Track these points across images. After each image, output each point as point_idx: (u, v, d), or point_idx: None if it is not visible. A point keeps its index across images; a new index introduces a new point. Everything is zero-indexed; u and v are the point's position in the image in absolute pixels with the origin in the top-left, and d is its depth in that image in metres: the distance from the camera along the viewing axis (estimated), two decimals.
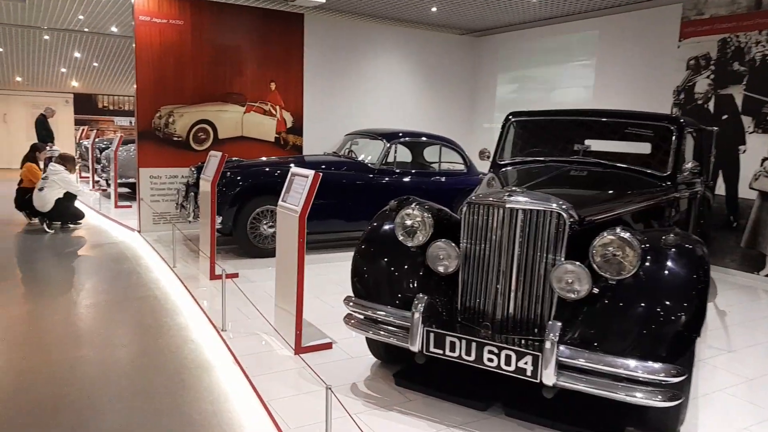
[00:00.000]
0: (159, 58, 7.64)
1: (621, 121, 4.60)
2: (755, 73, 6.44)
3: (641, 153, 4.75)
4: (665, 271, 2.81)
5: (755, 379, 3.84)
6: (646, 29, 7.61)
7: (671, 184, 4.15)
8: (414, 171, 7.51)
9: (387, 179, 7.16)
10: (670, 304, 2.73)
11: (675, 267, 2.81)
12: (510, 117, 4.87)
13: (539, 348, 2.76)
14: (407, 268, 3.32)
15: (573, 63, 8.76)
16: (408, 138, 7.57)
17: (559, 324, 2.73)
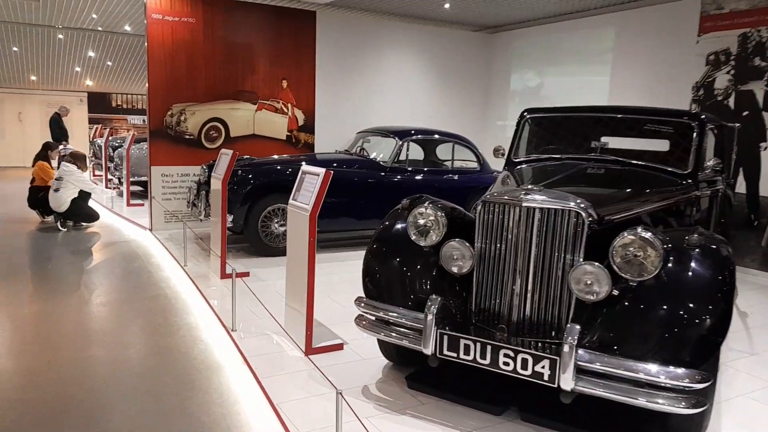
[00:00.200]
0: (171, 56, 7.61)
1: (640, 118, 4.48)
2: None
3: (660, 150, 4.63)
4: (689, 273, 2.70)
5: None
6: (663, 24, 7.45)
7: (692, 182, 4.03)
8: (426, 169, 7.43)
9: (399, 177, 7.08)
10: (694, 306, 2.63)
11: (699, 268, 2.71)
12: (525, 114, 4.76)
13: (557, 351, 2.67)
14: (420, 268, 3.24)
15: (589, 59, 8.61)
16: (420, 135, 7.48)
17: (578, 327, 2.63)
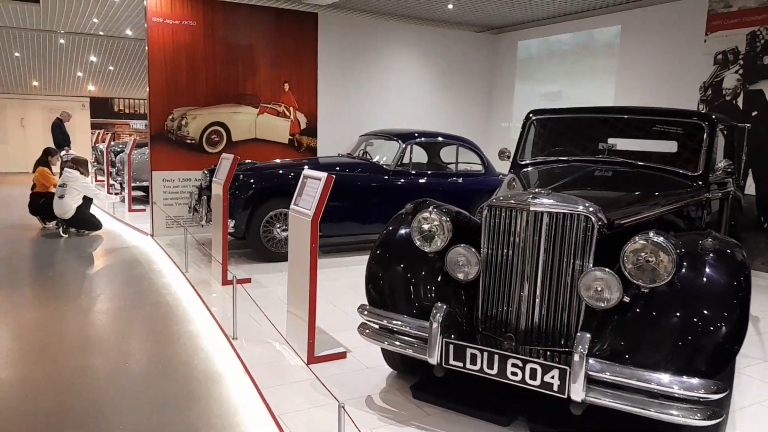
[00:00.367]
0: (171, 59, 7.56)
1: (648, 118, 4.38)
2: None
3: (668, 152, 4.52)
4: (703, 278, 2.61)
5: None
6: (670, 23, 7.35)
7: (703, 184, 3.93)
8: (430, 172, 7.34)
9: (402, 181, 7.00)
10: (709, 313, 2.53)
11: (714, 273, 2.61)
12: (531, 115, 4.67)
13: (566, 361, 2.58)
14: (424, 274, 3.15)
15: (594, 59, 8.52)
16: (424, 138, 7.40)
17: (588, 335, 2.54)
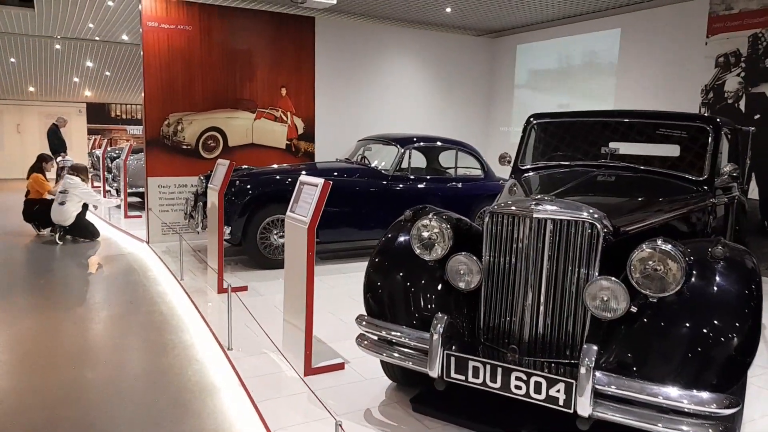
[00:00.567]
0: (167, 64, 7.47)
1: (651, 122, 4.29)
2: None
3: (669, 156, 4.44)
4: (713, 287, 2.51)
5: None
6: (671, 26, 7.29)
7: (708, 189, 3.84)
8: (429, 177, 7.25)
9: (401, 186, 6.91)
10: (719, 324, 2.44)
11: (724, 282, 2.52)
12: (531, 119, 4.59)
13: (572, 374, 2.48)
14: (424, 284, 3.05)
15: (594, 62, 8.45)
16: (423, 143, 7.32)
17: (595, 348, 2.45)
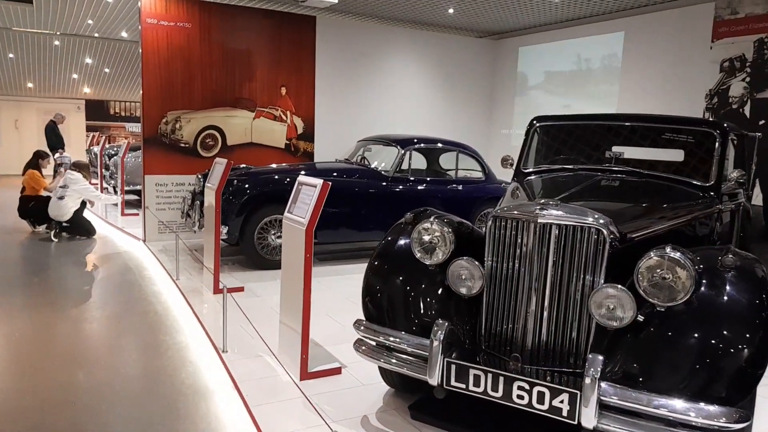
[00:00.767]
0: (166, 62, 7.39)
1: (657, 126, 4.22)
2: None
3: (676, 161, 4.37)
4: (723, 297, 2.44)
5: None
6: (675, 30, 7.23)
7: (715, 195, 3.77)
8: (429, 179, 7.18)
9: (401, 187, 6.83)
10: (729, 335, 2.36)
11: (734, 292, 2.44)
12: (535, 122, 4.51)
13: (576, 384, 2.41)
14: (425, 288, 2.97)
15: (597, 66, 8.39)
16: (423, 144, 7.24)
17: (601, 358, 2.37)
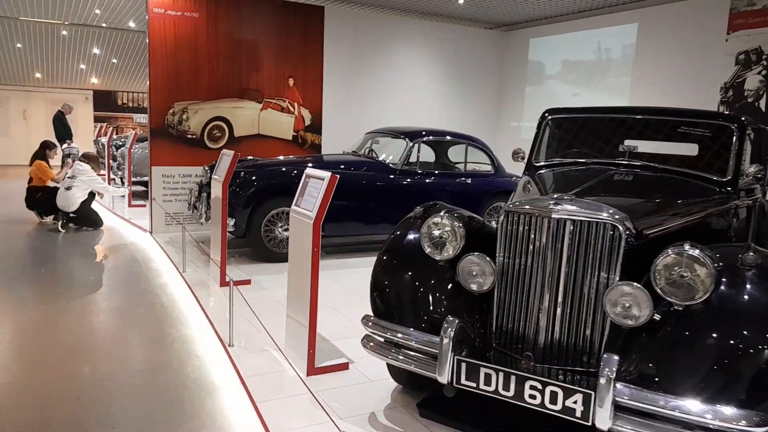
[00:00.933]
0: (173, 52, 7.34)
1: (673, 120, 4.12)
2: None
3: (690, 155, 4.27)
4: (744, 296, 2.36)
5: None
6: (690, 21, 7.09)
7: (732, 190, 3.68)
8: (438, 172, 7.10)
9: (409, 180, 6.76)
10: (749, 335, 2.28)
11: (755, 291, 2.36)
12: (546, 114, 4.42)
13: (591, 384, 2.34)
14: (434, 285, 2.91)
15: (609, 58, 8.26)
16: (432, 137, 7.16)
17: (616, 358, 2.30)
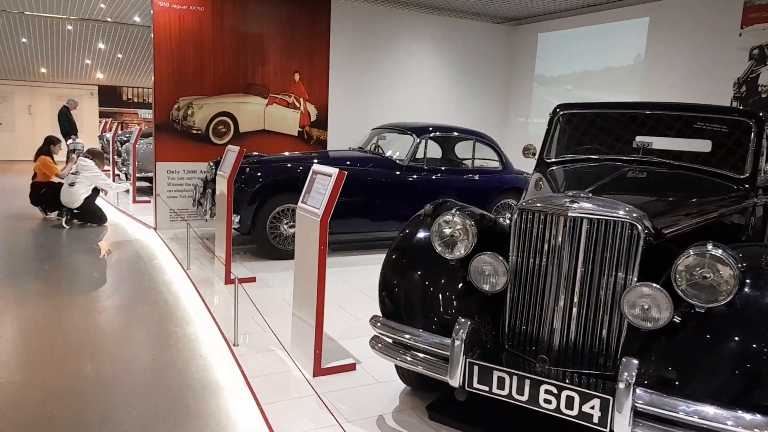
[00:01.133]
0: (178, 46, 7.27)
1: (688, 115, 4.02)
2: None
3: (704, 152, 4.17)
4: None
5: None
6: (702, 15, 6.96)
7: (750, 188, 3.58)
8: (445, 168, 7.01)
9: (416, 177, 6.67)
10: None
11: None
12: (558, 110, 4.33)
13: (608, 389, 2.26)
14: (445, 285, 2.82)
15: (620, 53, 8.13)
16: (439, 132, 7.07)
17: (636, 362, 2.22)
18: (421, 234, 3.00)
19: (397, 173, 6.59)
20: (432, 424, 2.92)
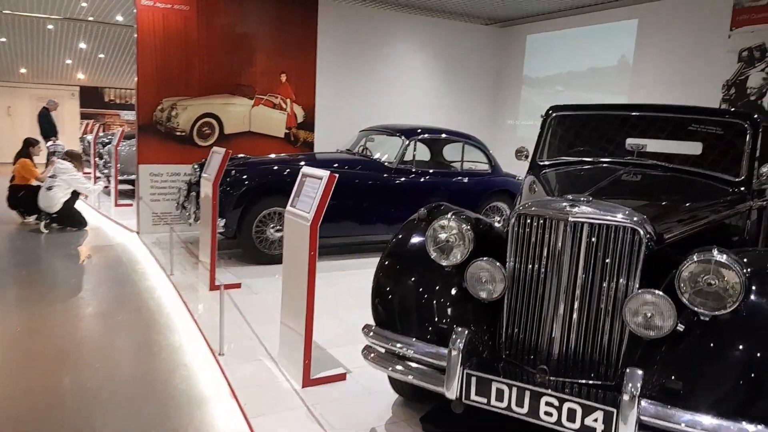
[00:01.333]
0: (162, 46, 7.11)
1: (683, 117, 3.96)
2: None
3: (692, 154, 4.11)
4: None
5: None
6: (691, 17, 6.95)
7: (746, 190, 3.53)
8: (434, 171, 6.93)
9: (404, 179, 6.58)
10: None
11: None
12: (551, 111, 4.26)
13: (611, 400, 2.18)
14: (440, 292, 2.72)
15: (609, 55, 8.11)
16: (428, 135, 6.98)
17: (640, 372, 2.13)
18: (416, 239, 2.90)
19: (386, 176, 6.49)
20: None
